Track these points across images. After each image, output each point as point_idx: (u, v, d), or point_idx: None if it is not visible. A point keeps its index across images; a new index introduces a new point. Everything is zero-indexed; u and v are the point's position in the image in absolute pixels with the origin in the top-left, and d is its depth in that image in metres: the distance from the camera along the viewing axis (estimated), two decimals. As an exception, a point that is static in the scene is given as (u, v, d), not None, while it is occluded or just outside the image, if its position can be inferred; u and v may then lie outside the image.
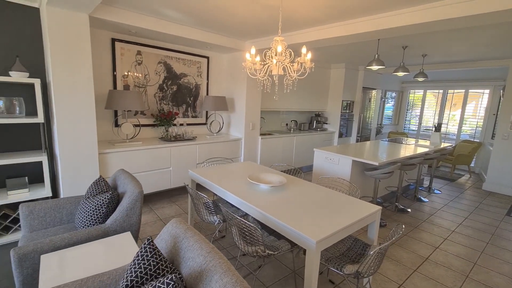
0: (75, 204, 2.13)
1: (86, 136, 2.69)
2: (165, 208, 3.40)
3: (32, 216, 1.96)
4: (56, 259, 1.43)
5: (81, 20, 2.50)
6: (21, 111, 2.57)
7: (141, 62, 3.55)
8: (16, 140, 2.76)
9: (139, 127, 3.60)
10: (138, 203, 1.86)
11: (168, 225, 1.41)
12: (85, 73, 2.60)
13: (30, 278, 1.49)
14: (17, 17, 2.61)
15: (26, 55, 2.70)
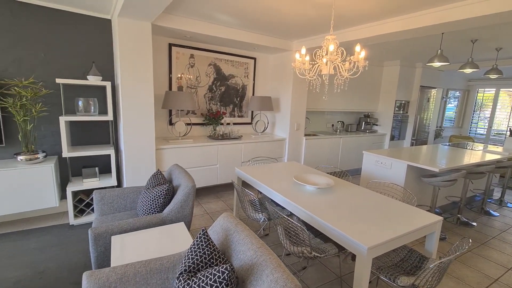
0: (137, 193, 2.37)
1: (146, 133, 2.97)
2: (212, 203, 3.57)
3: (103, 202, 2.24)
4: (123, 240, 1.62)
5: (145, 28, 2.77)
6: (95, 110, 2.95)
7: (194, 64, 3.78)
8: (91, 135, 3.18)
9: (190, 126, 3.84)
10: (191, 196, 1.99)
11: (220, 218, 1.49)
12: (146, 76, 2.87)
13: (102, 255, 1.71)
14: (93, 28, 3.00)
15: (100, 61, 3.09)
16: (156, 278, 1.31)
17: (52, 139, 2.97)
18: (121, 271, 1.26)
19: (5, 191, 2.50)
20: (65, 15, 2.83)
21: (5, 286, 1.92)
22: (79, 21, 2.90)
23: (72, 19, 2.86)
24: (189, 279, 1.08)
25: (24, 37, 2.68)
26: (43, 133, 2.91)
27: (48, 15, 2.75)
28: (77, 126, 3.08)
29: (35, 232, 2.65)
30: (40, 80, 2.81)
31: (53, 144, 2.99)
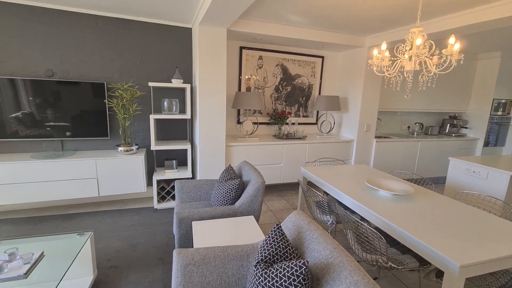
0: (210, 185, 2.59)
1: (218, 130, 3.21)
2: (275, 201, 3.63)
3: (182, 191, 2.52)
4: (202, 226, 1.79)
5: (221, 33, 3.00)
6: (176, 109, 3.33)
7: (262, 66, 3.91)
8: (171, 131, 3.59)
9: (256, 125, 3.98)
10: (260, 192, 2.07)
11: (292, 216, 1.51)
12: (220, 78, 3.10)
13: (184, 237, 1.92)
14: (176, 37, 3.38)
15: (181, 66, 3.47)
16: (232, 263, 1.41)
17: (143, 134, 3.47)
18: (204, 253, 1.40)
19: (108, 176, 3.03)
20: (155, 27, 3.27)
21: (111, 252, 2.33)
22: (165, 32, 3.32)
23: (159, 30, 3.29)
24: (266, 269, 1.14)
25: (125, 49, 3.20)
26: (136, 129, 3.43)
27: (142, 28, 3.22)
28: (161, 123, 3.52)
29: (128, 212, 3.15)
30: (136, 84, 3.31)
31: (143, 138, 3.49)
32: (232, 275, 1.39)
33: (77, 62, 3.06)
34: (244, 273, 1.42)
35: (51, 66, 2.99)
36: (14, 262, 1.47)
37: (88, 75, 3.12)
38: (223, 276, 1.38)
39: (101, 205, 3.29)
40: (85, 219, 2.93)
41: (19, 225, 2.77)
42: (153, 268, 2.15)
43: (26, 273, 1.41)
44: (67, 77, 3.05)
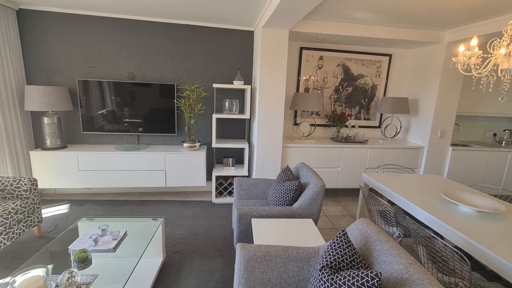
0: (267, 184, 2.63)
1: (275, 131, 3.24)
2: (329, 206, 3.50)
3: (240, 188, 2.61)
4: (261, 224, 1.83)
5: (283, 35, 3.02)
6: (236, 109, 3.47)
7: (322, 66, 3.81)
8: (230, 130, 3.76)
9: (314, 127, 3.89)
10: (320, 195, 2.02)
11: (358, 223, 1.44)
12: (280, 79, 3.12)
13: (243, 233, 1.99)
14: (238, 40, 3.52)
15: (242, 68, 3.60)
16: (293, 264, 1.41)
17: (205, 132, 3.71)
18: (265, 250, 1.43)
19: (174, 169, 3.33)
20: (220, 32, 3.46)
21: (175, 238, 2.56)
22: (228, 35, 3.49)
23: (224, 35, 3.47)
24: (332, 275, 1.10)
25: (193, 53, 3.47)
26: (199, 127, 3.68)
27: (208, 33, 3.44)
28: (222, 122, 3.72)
29: (189, 204, 3.40)
30: (202, 85, 3.56)
31: (205, 136, 3.73)
32: (293, 276, 1.39)
33: (153, 66, 3.44)
34: (305, 276, 1.40)
35: (133, 70, 3.42)
36: (105, 237, 1.73)
37: (161, 78, 3.48)
38: (283, 275, 1.39)
39: (166, 195, 3.63)
40: (154, 206, 3.28)
41: (104, 206, 3.24)
42: (213, 258, 2.29)
43: (114, 248, 1.64)
44: (145, 79, 3.45)
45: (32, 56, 3.20)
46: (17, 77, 3.07)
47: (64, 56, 3.24)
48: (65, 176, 3.15)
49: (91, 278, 1.40)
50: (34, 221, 2.40)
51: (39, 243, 2.41)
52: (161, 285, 1.94)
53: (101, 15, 3.20)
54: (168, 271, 2.09)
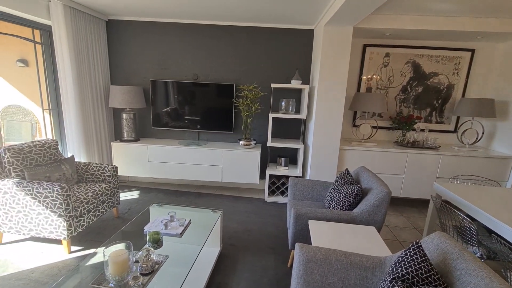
0: (323, 187, 2.55)
1: (333, 132, 3.12)
2: (391, 216, 3.23)
3: (295, 188, 2.59)
4: (319, 226, 1.78)
5: (347, 32, 2.88)
6: (292, 109, 3.45)
7: (387, 64, 3.53)
8: (285, 130, 3.76)
9: (375, 129, 3.63)
10: (385, 203, 1.88)
11: (434, 237, 1.29)
12: (341, 79, 2.99)
13: (299, 234, 1.97)
14: (297, 39, 3.48)
15: (300, 67, 3.56)
16: (355, 272, 1.34)
17: (260, 131, 3.78)
18: (325, 253, 1.39)
19: (230, 165, 3.47)
20: (278, 32, 3.48)
21: (230, 231, 2.67)
22: (287, 35, 3.48)
23: (282, 34, 3.48)
24: (406, 289, 1.01)
25: (252, 53, 3.57)
26: (255, 126, 3.77)
27: (267, 33, 3.49)
28: (277, 121, 3.74)
29: (242, 200, 3.51)
30: (259, 85, 3.64)
31: (260, 135, 3.80)
32: (355, 284, 1.32)
33: (215, 66, 3.64)
34: (369, 286, 1.31)
35: (197, 71, 3.67)
36: (173, 222, 1.90)
37: (221, 78, 3.66)
38: (344, 282, 1.33)
39: (221, 190, 3.81)
40: (210, 199, 3.47)
41: (167, 194, 3.56)
42: (266, 255, 2.32)
43: (181, 233, 1.79)
44: (207, 79, 3.67)
45: (115, 60, 3.69)
46: (104, 78, 3.58)
47: (140, 59, 3.66)
48: (137, 166, 3.56)
49: (163, 258, 1.55)
50: (114, 203, 2.77)
51: (116, 222, 2.77)
52: (218, 274, 2.04)
53: (171, 21, 3.52)
54: (224, 262, 2.19)
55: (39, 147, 2.51)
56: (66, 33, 2.91)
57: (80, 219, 2.28)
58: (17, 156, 2.28)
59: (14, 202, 2.14)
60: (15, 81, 4.43)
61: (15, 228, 2.21)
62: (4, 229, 2.23)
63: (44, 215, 2.12)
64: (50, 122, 3.35)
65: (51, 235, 2.16)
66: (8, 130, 4.55)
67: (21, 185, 2.10)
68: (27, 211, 2.14)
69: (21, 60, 4.30)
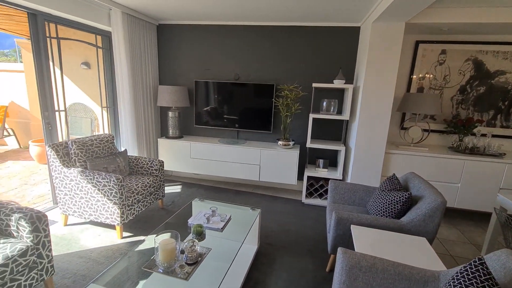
0: (366, 192, 2.43)
1: (378, 135, 2.95)
2: (443, 228, 2.95)
3: (336, 191, 2.50)
4: (362, 232, 1.70)
5: (398, 28, 2.70)
6: (334, 110, 3.34)
7: (443, 62, 3.22)
8: (325, 131, 3.66)
9: (427, 132, 3.34)
10: (439, 212, 1.72)
11: (500, 254, 1.15)
12: (389, 78, 2.81)
13: (339, 238, 1.90)
14: (341, 38, 3.36)
15: (344, 66, 3.43)
16: (404, 284, 1.25)
17: (299, 131, 3.74)
18: (371, 261, 1.32)
19: (268, 165, 3.48)
20: (321, 30, 3.39)
21: (267, 230, 2.68)
22: (330, 33, 3.37)
23: (325, 33, 3.38)
24: (468, 310, 0.92)
25: (293, 53, 3.53)
26: (294, 126, 3.73)
27: (309, 32, 3.42)
28: (317, 122, 3.65)
29: (279, 200, 3.50)
30: (300, 85, 3.59)
31: (299, 135, 3.75)
32: (404, 297, 1.23)
33: (256, 67, 3.69)
34: (420, 301, 1.22)
35: (239, 71, 3.76)
36: (214, 217, 1.97)
37: (262, 78, 3.69)
38: (392, 294, 1.25)
39: (258, 189, 3.84)
40: (248, 198, 3.53)
41: (207, 190, 3.71)
42: (304, 257, 2.28)
43: (222, 228, 1.85)
44: (247, 79, 3.73)
45: (164, 61, 3.94)
46: (153, 79, 3.85)
47: (186, 61, 3.87)
48: (180, 161, 3.76)
49: (206, 250, 1.62)
50: (159, 195, 2.96)
51: (161, 213, 2.96)
52: (256, 271, 2.07)
53: (215, 23, 3.65)
54: (261, 260, 2.21)
55: (98, 140, 2.79)
56: (123, 38, 3.19)
57: (131, 208, 2.49)
58: (81, 148, 2.57)
59: (78, 189, 2.41)
60: (79, 82, 4.99)
61: (78, 212, 2.49)
62: (69, 212, 2.53)
63: (102, 202, 2.36)
64: (107, 118, 3.71)
65: (107, 221, 2.39)
66: (72, 125, 5.14)
67: (84, 174, 2.36)
68: (88, 198, 2.40)
69: (84, 63, 4.84)
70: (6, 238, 1.60)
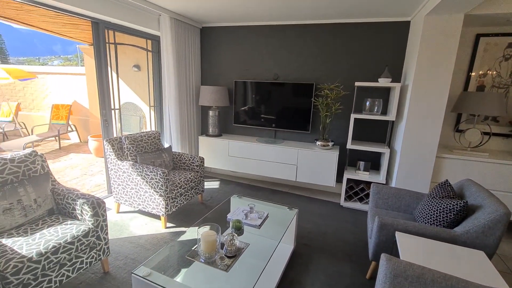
0: (414, 198, 2.26)
1: (429, 137, 2.73)
2: (503, 242, 2.62)
3: (379, 195, 2.37)
4: (408, 240, 1.59)
5: (455, 21, 2.46)
6: (378, 110, 3.17)
7: (510, 56, 2.85)
8: (368, 132, 3.49)
9: (487, 136, 2.99)
10: (501, 225, 1.53)
11: None
12: (444, 76, 2.58)
13: (382, 245, 1.81)
14: (388, 33, 3.16)
15: (390, 64, 3.23)
16: (459, 301, 1.14)
17: (339, 132, 3.61)
18: (419, 271, 1.23)
19: (305, 165, 3.43)
20: (365, 26, 3.23)
21: (303, 231, 2.65)
22: (375, 29, 3.20)
23: (370, 29, 3.22)
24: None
25: (335, 51, 3.42)
26: (333, 126, 3.62)
27: (353, 29, 3.28)
28: (359, 123, 3.49)
29: (316, 202, 3.43)
30: (341, 84, 3.47)
31: (338, 136, 3.63)
32: (458, 314, 1.13)
33: (296, 66, 3.66)
34: (477, 321, 1.10)
35: (278, 70, 3.76)
36: (252, 214, 2.01)
37: (301, 77, 3.65)
38: (443, 309, 1.15)
39: (294, 189, 3.81)
40: (284, 197, 3.52)
41: (243, 188, 3.78)
42: (341, 260, 2.21)
43: (259, 225, 1.88)
44: (287, 79, 3.72)
45: (206, 62, 4.12)
46: (196, 79, 4.05)
47: (226, 61, 3.99)
48: (218, 159, 3.89)
49: (244, 245, 1.66)
50: (199, 190, 3.11)
51: (201, 207, 3.10)
52: (291, 270, 2.06)
53: (256, 24, 3.70)
54: (297, 260, 2.19)
55: (147, 137, 3.02)
56: (171, 41, 3.40)
57: (174, 200, 2.65)
58: (133, 143, 2.81)
59: (129, 180, 2.64)
60: (130, 83, 5.45)
61: (128, 201, 2.73)
62: (121, 201, 2.78)
63: (149, 194, 2.55)
64: (154, 117, 4.00)
65: (153, 211, 2.58)
66: (123, 122, 5.64)
67: (134, 167, 2.58)
68: (138, 189, 2.61)
69: (135, 66, 5.26)
70: (72, 220, 1.82)
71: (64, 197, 1.89)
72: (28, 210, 1.72)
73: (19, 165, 1.82)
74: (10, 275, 1.33)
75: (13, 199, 1.66)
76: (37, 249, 1.47)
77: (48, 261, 1.49)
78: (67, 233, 1.63)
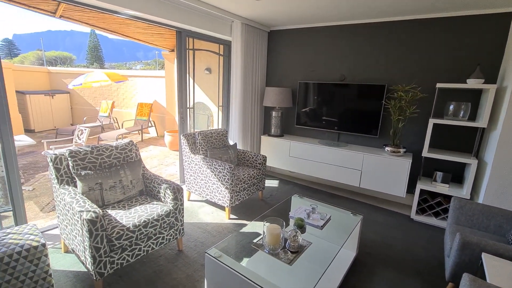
0: (508, 219, 1.93)
1: (533, 148, 2.28)
2: None
3: (461, 211, 2.10)
4: (499, 264, 1.38)
5: None
6: (464, 115, 2.78)
7: None
8: (449, 140, 3.09)
9: None
10: None
11: None
12: (560, 74, 2.12)
13: (463, 265, 1.60)
14: (480, 28, 2.74)
15: (483, 63, 2.80)
16: None
17: (413, 137, 3.30)
18: (515, 301, 1.07)
19: (371, 171, 3.23)
20: (450, 21, 2.86)
21: (366, 240, 2.51)
22: (462, 24, 2.81)
23: (456, 23, 2.84)
24: None
25: (412, 49, 3.13)
26: (407, 131, 3.32)
27: (435, 24, 2.94)
28: (438, 128, 3.12)
29: (381, 211, 3.20)
30: (418, 86, 3.16)
31: (412, 142, 3.31)
32: None
33: (364, 67, 3.48)
34: None
35: (345, 71, 3.64)
36: (314, 214, 2.02)
37: (371, 78, 3.45)
38: None
39: (357, 196, 3.62)
40: (344, 202, 3.39)
41: (302, 189, 3.78)
42: (410, 276, 2.03)
43: (321, 226, 1.88)
44: (354, 80, 3.57)
45: (271, 64, 4.24)
46: (261, 80, 4.21)
47: (292, 63, 4.04)
48: (279, 158, 3.97)
49: (307, 243, 1.69)
50: (260, 187, 3.23)
51: (261, 203, 3.22)
52: (353, 277, 1.99)
53: (322, 25, 3.65)
54: (359, 267, 2.10)
55: (216, 134, 3.29)
56: (241, 45, 3.63)
57: (238, 194, 2.83)
58: (204, 138, 3.10)
59: (200, 172, 2.93)
60: (201, 84, 5.98)
61: (198, 191, 3.03)
62: (192, 190, 3.10)
63: (216, 186, 2.78)
64: (221, 116, 4.32)
65: (219, 202, 2.81)
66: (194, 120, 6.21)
67: (205, 161, 2.84)
68: (207, 180, 2.88)
69: (207, 69, 5.75)
70: (157, 201, 2.13)
71: (151, 181, 2.22)
72: (126, 189, 2.09)
73: (121, 152, 2.21)
74: (114, 239, 1.65)
75: (116, 179, 2.04)
76: (133, 221, 1.78)
77: (140, 233, 1.79)
78: (154, 212, 1.93)
